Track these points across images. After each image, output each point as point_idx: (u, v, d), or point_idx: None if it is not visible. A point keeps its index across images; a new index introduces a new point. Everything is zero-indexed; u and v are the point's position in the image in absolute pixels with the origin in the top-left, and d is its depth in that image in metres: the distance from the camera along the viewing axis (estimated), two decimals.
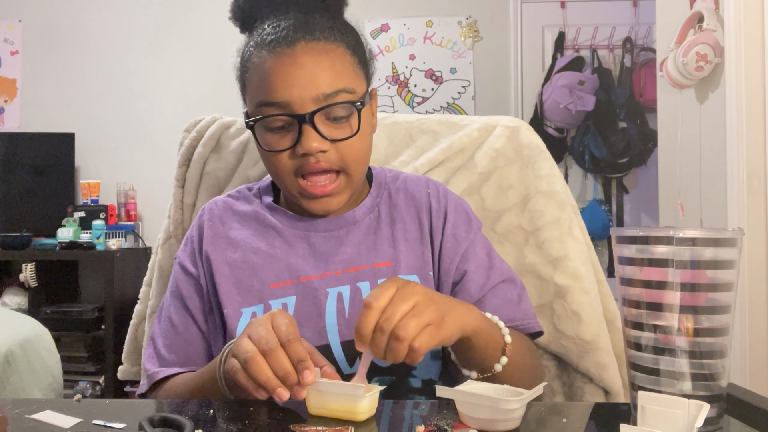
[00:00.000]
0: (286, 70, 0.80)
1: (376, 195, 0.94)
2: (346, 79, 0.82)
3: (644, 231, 0.63)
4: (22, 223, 3.33)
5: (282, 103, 0.81)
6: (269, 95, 0.81)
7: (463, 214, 0.94)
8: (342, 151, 0.83)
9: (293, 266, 0.86)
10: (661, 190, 2.47)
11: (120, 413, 0.68)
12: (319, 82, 0.80)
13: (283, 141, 0.82)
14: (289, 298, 0.84)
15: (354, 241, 0.89)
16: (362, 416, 0.65)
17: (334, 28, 0.84)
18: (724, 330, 0.61)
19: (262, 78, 0.82)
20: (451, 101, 3.61)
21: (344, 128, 0.83)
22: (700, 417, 0.54)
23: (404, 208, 0.93)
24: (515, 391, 0.65)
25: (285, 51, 0.81)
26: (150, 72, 3.64)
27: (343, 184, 0.85)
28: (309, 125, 0.80)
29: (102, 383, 3.08)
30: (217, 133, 1.20)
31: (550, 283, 1.07)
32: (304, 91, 0.80)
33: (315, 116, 0.80)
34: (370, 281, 0.85)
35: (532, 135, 1.17)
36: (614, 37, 3.56)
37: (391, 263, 0.87)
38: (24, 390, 1.64)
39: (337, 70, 0.81)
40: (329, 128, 0.82)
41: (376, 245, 0.89)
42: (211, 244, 0.90)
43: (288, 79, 0.80)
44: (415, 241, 0.90)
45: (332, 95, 0.81)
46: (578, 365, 1.05)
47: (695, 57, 2.00)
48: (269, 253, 0.88)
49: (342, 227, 0.90)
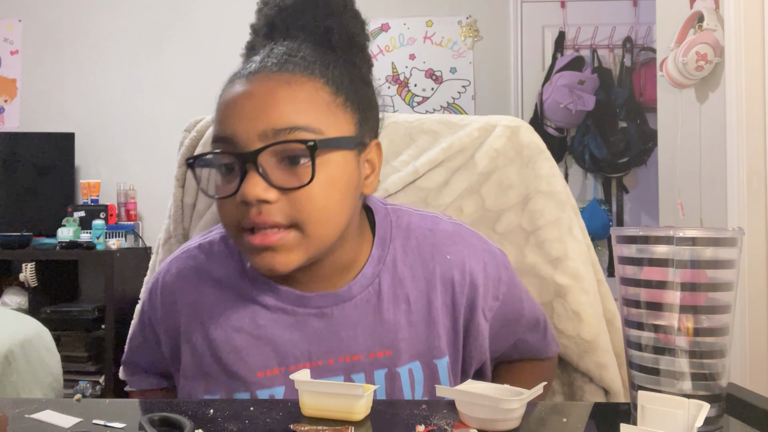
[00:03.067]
0: (236, 100, 0.69)
1: (378, 260, 0.79)
2: (311, 116, 0.68)
3: (644, 231, 0.63)
4: (22, 223, 3.33)
5: (227, 137, 0.68)
6: (217, 129, 0.70)
7: (492, 270, 0.82)
8: (295, 204, 0.67)
9: (281, 352, 0.76)
10: (661, 190, 2.47)
11: (120, 413, 0.68)
12: (269, 115, 0.67)
13: (228, 185, 0.69)
14: (277, 388, 0.75)
15: (349, 323, 0.76)
16: (359, 416, 0.65)
17: (317, 62, 0.72)
18: (724, 330, 0.61)
19: (217, 111, 0.72)
20: (451, 101, 3.61)
21: (302, 175, 0.67)
22: (700, 417, 0.54)
23: (411, 282, 0.79)
24: (515, 390, 0.65)
25: (242, 81, 0.70)
26: (150, 72, 3.64)
27: (293, 241, 0.69)
28: (252, 165, 0.66)
29: (102, 383, 3.08)
30: None
31: (551, 283, 1.07)
32: (251, 124, 0.67)
33: (261, 156, 0.66)
34: (366, 373, 0.76)
35: (532, 135, 1.17)
36: (614, 37, 3.56)
37: (390, 352, 0.77)
38: (24, 390, 1.64)
39: (298, 103, 0.68)
40: (281, 173, 0.67)
41: (375, 330, 0.77)
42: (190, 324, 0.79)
43: (236, 110, 0.69)
44: (421, 325, 0.78)
45: (285, 131, 0.66)
46: (578, 365, 1.05)
47: (695, 57, 2.00)
48: (254, 335, 0.76)
49: (336, 304, 0.77)
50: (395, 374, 0.77)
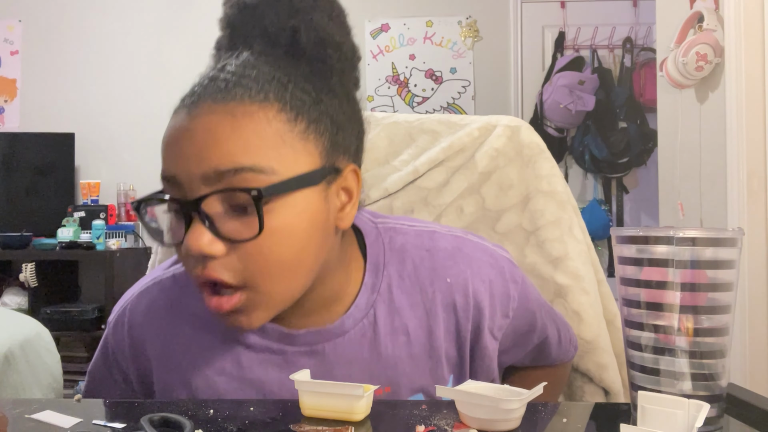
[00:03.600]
0: (176, 137, 0.61)
1: (371, 289, 0.71)
2: (259, 153, 0.58)
3: (644, 231, 0.63)
4: (22, 223, 3.33)
5: (171, 178, 0.60)
6: (163, 165, 0.62)
7: (499, 287, 0.74)
8: (246, 259, 0.59)
9: (269, 395, 0.70)
10: (661, 190, 2.47)
11: (120, 413, 0.68)
12: (210, 156, 0.58)
13: (178, 231, 0.60)
14: None
15: (343, 361, 0.69)
16: (359, 416, 0.65)
17: (272, 81, 0.61)
18: (724, 330, 0.61)
19: (161, 145, 0.63)
20: (451, 101, 3.61)
21: (252, 225, 0.57)
22: (700, 417, 0.54)
23: (409, 310, 0.71)
24: (515, 391, 0.65)
25: (184, 113, 0.62)
26: (150, 72, 3.64)
27: (249, 302, 0.61)
28: (196, 215, 0.58)
29: None
30: None
31: (551, 283, 1.07)
32: (191, 166, 0.58)
33: (205, 203, 0.57)
34: None
35: (532, 134, 1.17)
36: (614, 37, 3.56)
37: (390, 389, 0.71)
38: (24, 390, 1.64)
39: (244, 139, 0.58)
40: (233, 223, 0.58)
41: (372, 367, 0.70)
42: (161, 367, 0.72)
43: (176, 150, 0.60)
44: (422, 356, 0.71)
45: (229, 174, 0.57)
46: (578, 365, 1.05)
47: (695, 57, 2.00)
48: (237, 377, 0.69)
49: (327, 341, 0.69)
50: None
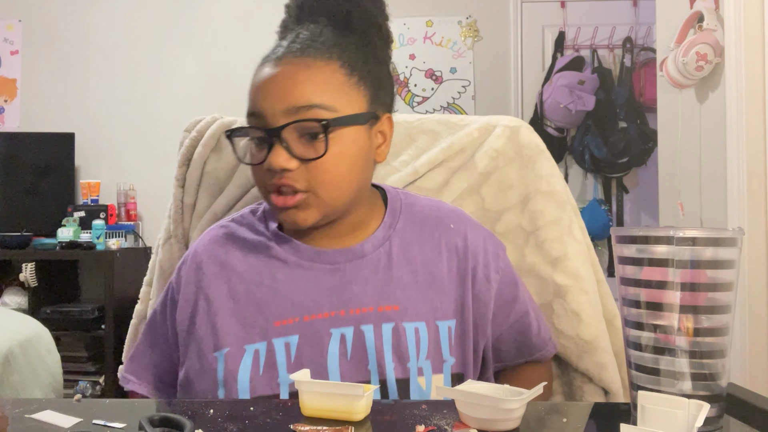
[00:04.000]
0: (264, 81, 0.80)
1: (389, 225, 0.88)
2: (326, 95, 0.78)
3: (644, 231, 0.63)
4: (22, 223, 3.33)
5: (257, 113, 0.80)
6: (250, 105, 0.81)
7: (492, 248, 0.91)
8: (312, 172, 0.79)
9: (297, 303, 0.83)
10: (661, 190, 2.47)
11: (120, 413, 0.68)
12: (292, 95, 0.78)
13: (259, 154, 0.81)
14: (291, 337, 0.81)
15: (361, 278, 0.84)
16: (360, 416, 0.65)
17: (334, 46, 0.81)
18: (724, 330, 0.61)
19: (250, 89, 0.83)
20: (451, 101, 3.61)
21: (318, 148, 0.78)
22: (700, 417, 0.54)
23: (418, 247, 0.87)
24: (515, 390, 0.65)
25: (270, 65, 0.81)
26: (150, 72, 3.64)
27: (309, 202, 0.80)
28: (277, 140, 0.78)
29: (102, 383, 3.09)
30: (218, 132, 1.20)
31: (550, 283, 1.07)
32: (275, 102, 0.78)
33: (284, 131, 0.78)
34: (374, 325, 0.81)
35: (532, 135, 1.17)
36: (614, 37, 3.56)
37: (398, 307, 0.83)
38: (24, 390, 1.64)
39: (316, 84, 0.79)
40: (301, 146, 0.78)
41: (384, 286, 0.84)
42: (213, 281, 0.86)
43: (264, 90, 0.80)
44: (425, 286, 0.85)
45: (304, 109, 0.77)
46: (577, 365, 1.05)
47: (695, 57, 2.00)
48: (273, 288, 0.84)
49: (350, 260, 0.85)
50: (401, 329, 0.81)
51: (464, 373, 0.85)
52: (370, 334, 0.81)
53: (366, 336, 0.81)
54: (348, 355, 0.80)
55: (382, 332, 0.81)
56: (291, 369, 0.79)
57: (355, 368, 0.80)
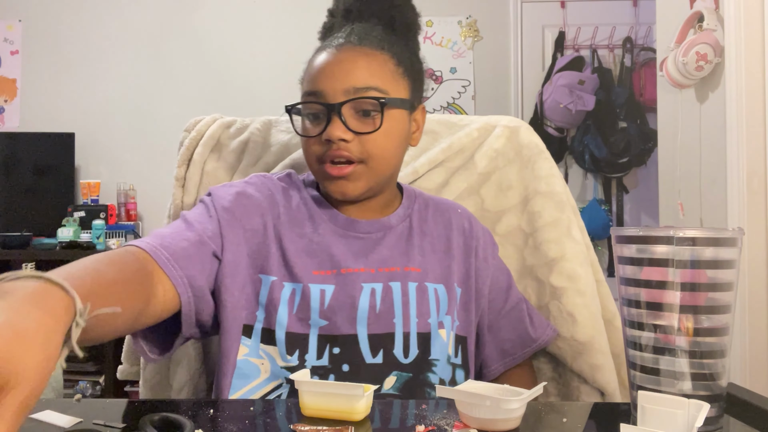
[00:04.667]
0: (326, 64, 0.89)
1: (407, 206, 0.99)
2: (380, 80, 0.89)
3: (644, 231, 0.63)
4: (22, 223, 3.33)
5: (317, 92, 0.88)
6: (310, 85, 0.90)
7: (489, 238, 1.03)
8: (365, 144, 0.87)
9: (335, 257, 0.90)
10: (661, 190, 2.47)
11: (120, 413, 0.68)
12: (352, 77, 0.87)
13: (315, 128, 0.89)
14: (327, 285, 0.88)
15: (389, 245, 0.94)
16: (360, 416, 0.65)
17: (384, 41, 0.92)
18: (724, 330, 0.61)
19: (310, 72, 0.91)
20: (451, 101, 3.61)
21: (371, 123, 0.88)
22: (700, 417, 0.54)
23: (432, 223, 0.99)
24: (515, 390, 0.65)
25: (332, 51, 0.90)
26: (150, 72, 3.64)
27: (359, 171, 0.89)
28: (336, 115, 0.86)
29: (102, 383, 3.09)
30: (217, 132, 1.20)
31: (547, 285, 1.07)
32: (337, 82, 0.87)
33: (343, 107, 0.87)
34: (401, 282, 0.90)
35: (531, 135, 1.17)
36: (614, 37, 3.56)
37: (420, 270, 0.92)
38: None
39: (372, 70, 0.89)
40: (356, 121, 0.88)
41: (407, 251, 0.94)
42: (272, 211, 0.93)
43: (326, 72, 0.88)
44: (442, 253, 0.96)
45: (362, 90, 0.87)
46: (572, 366, 1.05)
47: (695, 57, 2.00)
48: (314, 241, 0.92)
49: (379, 231, 0.94)
50: (424, 288, 0.91)
51: (467, 337, 0.95)
52: (397, 290, 0.89)
53: (393, 291, 0.89)
54: (377, 307, 0.88)
55: (408, 289, 0.90)
56: (322, 315, 0.86)
57: (382, 320, 0.87)
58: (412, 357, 0.87)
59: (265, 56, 3.57)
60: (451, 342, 0.91)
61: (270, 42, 3.57)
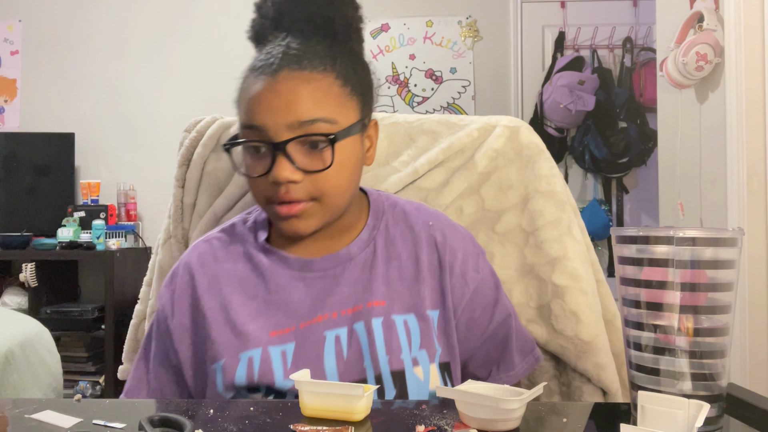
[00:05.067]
0: (264, 96, 0.80)
1: (372, 227, 0.91)
2: (327, 108, 0.80)
3: (644, 231, 0.63)
4: (22, 223, 3.33)
5: (258, 127, 0.80)
6: (249, 118, 0.81)
7: (470, 249, 0.92)
8: (315, 183, 0.81)
9: (291, 312, 0.85)
10: (661, 190, 2.47)
11: (120, 413, 0.68)
12: (294, 110, 0.79)
13: (258, 165, 0.81)
14: (288, 345, 0.82)
15: (349, 280, 0.87)
16: (360, 416, 0.65)
17: (327, 57, 0.82)
18: (724, 330, 0.61)
19: (246, 101, 0.82)
20: (451, 101, 3.61)
21: (320, 160, 0.80)
22: (700, 417, 0.54)
23: (401, 244, 0.90)
24: (515, 390, 0.65)
25: (268, 79, 0.81)
26: (150, 72, 3.64)
27: (311, 209, 0.82)
28: (281, 153, 0.79)
29: (102, 383, 3.09)
30: (217, 133, 1.20)
31: (549, 284, 1.07)
32: (279, 117, 0.79)
33: (289, 145, 0.79)
34: (365, 321, 0.83)
35: (531, 135, 1.17)
36: (614, 37, 3.56)
37: (384, 302, 0.85)
38: (24, 390, 1.64)
39: (317, 99, 0.80)
40: (304, 158, 0.80)
41: (370, 283, 0.86)
42: (205, 293, 0.87)
43: (265, 105, 0.80)
44: (410, 279, 0.88)
45: (308, 123, 0.79)
46: (576, 365, 1.05)
47: (695, 57, 2.00)
48: (266, 300, 0.86)
49: (338, 266, 0.87)
50: (391, 323, 0.83)
51: (451, 362, 0.86)
52: (362, 331, 0.83)
53: (359, 334, 0.83)
54: (344, 354, 0.82)
55: (373, 327, 0.83)
56: (287, 375, 0.80)
57: (351, 367, 0.81)
58: (390, 398, 0.80)
59: None
60: (434, 375, 0.83)
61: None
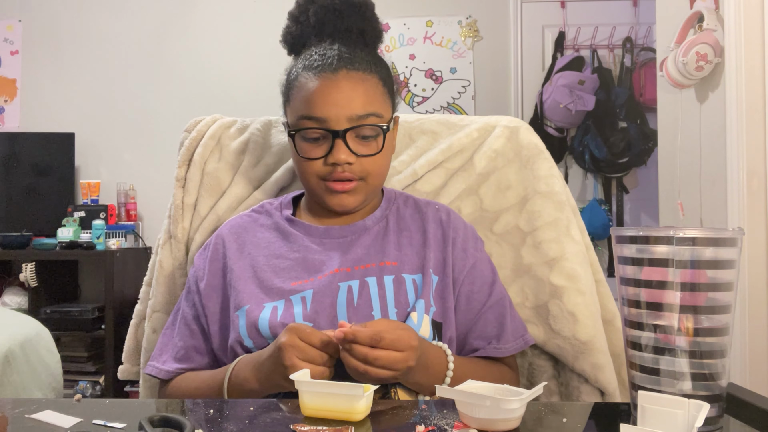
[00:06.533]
0: (328, 91, 0.94)
1: (385, 208, 1.05)
2: (377, 105, 0.96)
3: (644, 231, 0.63)
4: (22, 223, 3.33)
5: (321, 118, 0.94)
6: (311, 111, 0.95)
7: (471, 232, 1.05)
8: (365, 165, 0.96)
9: (311, 267, 0.97)
10: (661, 190, 2.47)
11: (120, 413, 0.68)
12: (354, 105, 0.94)
13: (316, 150, 0.96)
14: (306, 292, 0.94)
15: (364, 244, 0.99)
16: (360, 416, 0.65)
17: (371, 62, 0.98)
18: (724, 330, 0.61)
19: (306, 96, 0.96)
20: (451, 101, 3.61)
21: (370, 146, 0.96)
22: (700, 417, 0.54)
23: (410, 219, 1.04)
24: (515, 390, 0.65)
25: (329, 76, 0.95)
26: (150, 72, 3.64)
27: (360, 187, 0.97)
28: (341, 140, 0.94)
29: (102, 383, 3.09)
30: (218, 133, 1.21)
31: (546, 284, 1.07)
32: (341, 110, 0.94)
33: (347, 133, 0.94)
34: (377, 276, 0.95)
35: (531, 135, 1.17)
36: (614, 37, 3.56)
37: (396, 263, 0.97)
38: (24, 390, 1.64)
39: (370, 96, 0.96)
40: (357, 145, 0.95)
41: (383, 248, 0.99)
42: (235, 255, 1.00)
43: (329, 99, 0.94)
44: (419, 246, 1.00)
45: (363, 117, 0.94)
46: (574, 366, 1.05)
47: (695, 57, 2.00)
48: (289, 258, 0.99)
49: (354, 233, 1.01)
50: (402, 279, 0.95)
51: (443, 323, 0.96)
52: (373, 284, 0.94)
53: (370, 286, 0.94)
54: (354, 302, 0.93)
55: (384, 283, 0.94)
56: (306, 318, 0.90)
57: (360, 313, 0.91)
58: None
59: (266, 56, 3.57)
60: (426, 326, 0.92)
61: (270, 42, 3.56)
